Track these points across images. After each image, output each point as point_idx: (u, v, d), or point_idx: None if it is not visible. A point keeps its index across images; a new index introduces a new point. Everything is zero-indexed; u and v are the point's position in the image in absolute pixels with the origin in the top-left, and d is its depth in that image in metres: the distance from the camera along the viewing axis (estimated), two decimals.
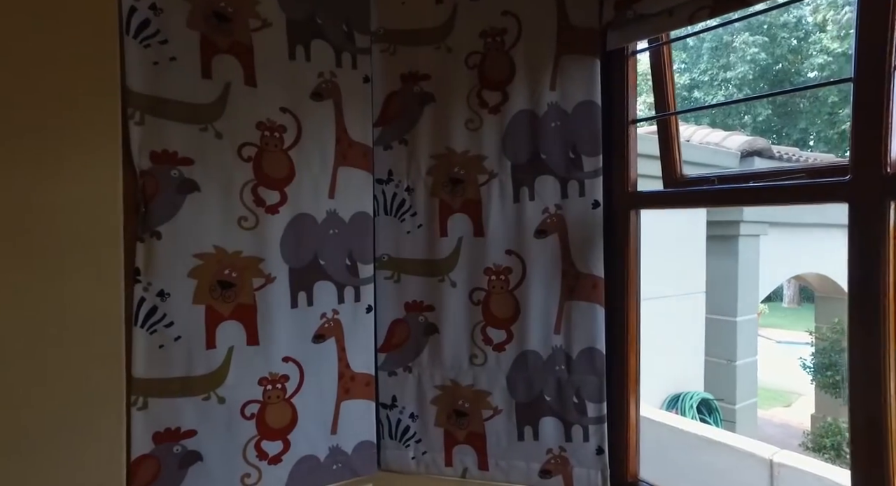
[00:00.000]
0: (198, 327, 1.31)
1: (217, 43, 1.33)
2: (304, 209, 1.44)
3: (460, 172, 1.53)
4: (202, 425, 1.32)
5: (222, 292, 1.34)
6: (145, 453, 1.26)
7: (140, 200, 1.25)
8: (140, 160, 1.25)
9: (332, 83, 1.48)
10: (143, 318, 1.26)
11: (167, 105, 1.28)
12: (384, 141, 1.56)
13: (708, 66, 14.03)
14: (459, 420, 1.53)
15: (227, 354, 1.35)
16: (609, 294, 1.46)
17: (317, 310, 1.46)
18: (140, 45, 1.24)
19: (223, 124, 1.34)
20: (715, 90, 13.95)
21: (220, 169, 1.34)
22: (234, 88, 1.35)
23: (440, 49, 1.54)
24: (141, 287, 1.25)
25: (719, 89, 13.90)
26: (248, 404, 1.37)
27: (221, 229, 1.34)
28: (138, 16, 1.23)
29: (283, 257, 1.41)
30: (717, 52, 13.94)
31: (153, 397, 1.27)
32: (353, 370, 1.52)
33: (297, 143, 1.43)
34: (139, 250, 1.25)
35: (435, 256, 1.55)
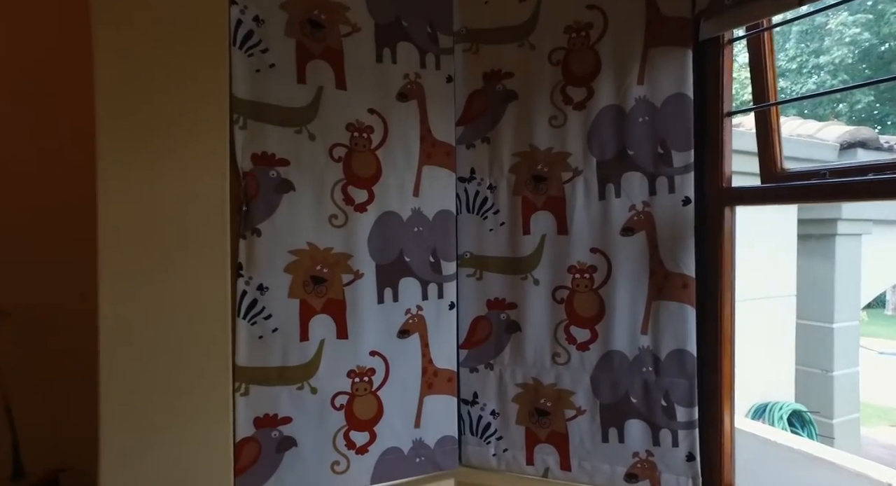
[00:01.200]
0: (293, 319, 1.40)
1: (311, 49, 1.41)
2: (390, 207, 1.49)
3: (543, 169, 1.53)
4: (297, 412, 1.40)
5: (315, 286, 1.42)
6: (247, 436, 1.36)
7: (243, 199, 1.35)
8: (243, 162, 1.35)
9: (416, 84, 1.52)
10: (245, 310, 1.35)
11: (267, 110, 1.37)
12: (467, 140, 1.59)
13: (796, 53, 13.03)
14: (541, 419, 1.53)
15: (318, 346, 1.43)
16: (700, 295, 1.41)
17: (402, 306, 1.51)
18: (244, 55, 1.34)
19: (316, 126, 1.42)
20: (804, 78, 12.94)
21: (313, 169, 1.41)
22: (326, 91, 1.42)
23: (523, 46, 1.54)
24: (243, 281, 1.35)
25: (809, 77, 12.88)
26: (337, 395, 1.44)
27: (314, 227, 1.42)
28: (243, 28, 1.33)
29: (371, 254, 1.48)
30: (808, 37, 12.92)
31: (254, 385, 1.37)
32: (436, 366, 1.55)
33: (384, 143, 1.49)
34: (241, 247, 1.35)
35: (517, 253, 1.55)
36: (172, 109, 1.18)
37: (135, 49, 1.15)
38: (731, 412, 1.39)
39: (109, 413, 1.13)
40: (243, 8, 1.33)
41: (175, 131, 1.19)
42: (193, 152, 1.20)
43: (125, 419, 1.14)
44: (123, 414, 1.14)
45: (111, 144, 1.12)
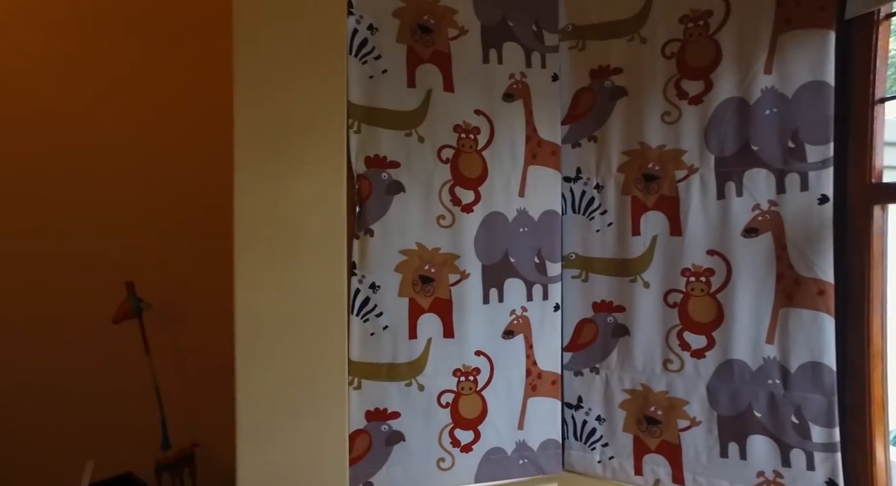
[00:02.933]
0: (402, 317, 1.38)
1: (420, 54, 1.38)
2: (496, 208, 1.43)
3: (655, 167, 1.40)
4: (405, 408, 1.38)
5: (423, 286, 1.39)
6: (360, 428, 1.35)
7: (356, 200, 1.34)
8: (357, 165, 1.34)
9: (521, 83, 1.45)
10: (358, 307, 1.35)
11: (379, 114, 1.35)
12: (572, 138, 1.49)
13: None
14: (651, 427, 1.40)
15: (426, 344, 1.40)
16: (841, 303, 1.22)
17: (507, 306, 1.45)
18: (359, 62, 1.33)
19: (425, 129, 1.38)
20: None
21: (422, 171, 1.38)
22: (435, 94, 1.39)
23: (633, 40, 1.42)
24: (356, 279, 1.35)
25: None
26: (443, 393, 1.41)
27: (423, 227, 1.39)
28: (359, 36, 1.33)
29: (477, 254, 1.42)
30: None
31: (366, 379, 1.36)
32: (540, 368, 1.47)
33: (490, 143, 1.43)
34: (355, 246, 1.35)
35: (626, 255, 1.43)
36: (297, 118, 1.20)
37: (266, 65, 1.18)
38: (884, 437, 1.19)
39: (245, 398, 1.16)
40: (359, 18, 1.33)
41: (299, 138, 1.20)
42: (315, 157, 1.21)
43: (257, 405, 1.17)
44: (256, 400, 1.17)
45: (246, 154, 1.16)
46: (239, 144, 1.16)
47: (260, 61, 1.18)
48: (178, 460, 1.68)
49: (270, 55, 1.18)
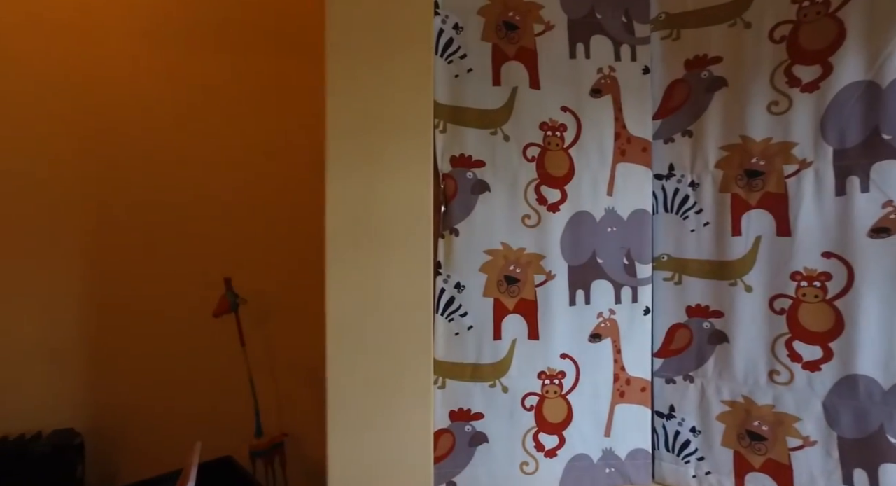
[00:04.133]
0: (487, 318, 1.32)
1: (506, 51, 1.31)
2: (583, 207, 1.34)
3: (759, 162, 1.25)
4: (489, 409, 1.32)
5: (508, 286, 1.33)
6: (443, 427, 1.31)
7: (442, 200, 1.30)
8: (442, 164, 1.31)
9: (610, 78, 1.35)
10: (442, 306, 1.31)
11: (464, 113, 1.31)
12: (665, 134, 1.37)
13: None
14: (755, 444, 1.26)
15: (510, 346, 1.33)
16: None
17: (594, 309, 1.35)
18: (445, 62, 1.29)
19: (510, 127, 1.32)
20: None
21: (508, 169, 1.32)
22: (521, 91, 1.32)
23: (735, 26, 1.28)
24: (441, 279, 1.31)
25: None
26: (527, 395, 1.33)
27: (508, 227, 1.32)
28: (444, 36, 1.29)
29: (563, 255, 1.34)
30: None
31: (450, 379, 1.32)
32: (629, 374, 1.36)
33: (577, 141, 1.34)
34: (440, 246, 1.31)
35: (725, 256, 1.29)
36: (386, 120, 1.17)
37: (356, 69, 1.17)
38: None
39: (335, 394, 1.15)
40: (445, 17, 1.29)
41: (388, 139, 1.18)
42: (403, 158, 1.18)
43: (347, 401, 1.16)
44: (345, 396, 1.16)
45: (336, 155, 1.15)
46: (330, 146, 1.15)
47: (350, 65, 1.16)
48: (270, 448, 1.72)
49: (360, 59, 1.17)
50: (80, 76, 1.74)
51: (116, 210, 1.79)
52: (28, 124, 1.72)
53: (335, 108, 1.15)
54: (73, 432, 1.69)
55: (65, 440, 1.64)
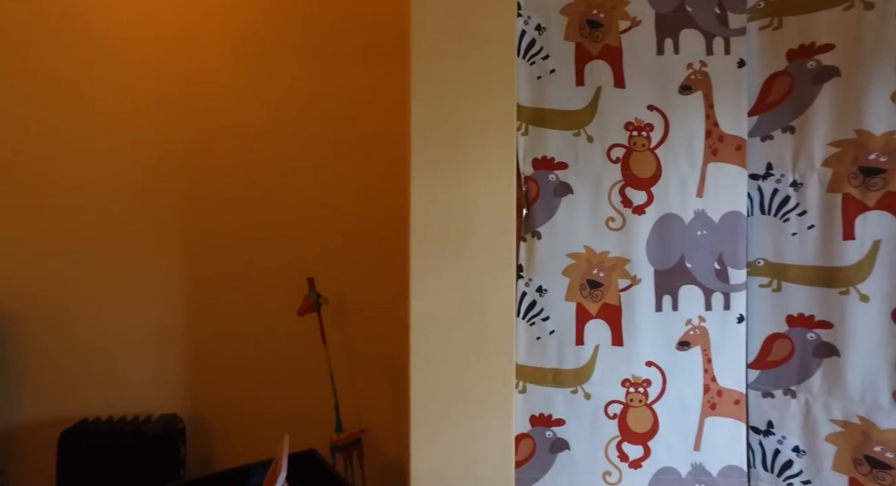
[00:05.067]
0: (569, 323, 1.27)
1: (589, 50, 1.26)
2: (671, 209, 1.26)
3: (879, 159, 1.11)
4: (570, 416, 1.27)
5: (591, 290, 1.27)
6: (524, 432, 1.28)
7: (523, 203, 1.27)
8: (524, 167, 1.27)
9: (701, 73, 1.26)
10: (524, 310, 1.28)
11: (547, 114, 1.27)
12: (762, 131, 1.25)
13: None
14: (877, 472, 1.11)
15: (593, 351, 1.27)
16: None
17: (682, 315, 1.26)
18: (527, 64, 1.26)
19: (594, 128, 1.26)
20: None
21: (591, 171, 1.26)
22: (605, 91, 1.26)
23: (852, 8, 1.15)
24: (523, 282, 1.27)
25: None
26: (611, 403, 1.27)
27: (591, 230, 1.27)
28: (526, 37, 1.25)
29: (649, 259, 1.26)
30: None
31: (530, 384, 1.28)
32: (720, 385, 1.26)
33: (664, 140, 1.26)
34: (522, 249, 1.27)
35: (834, 262, 1.17)
36: (469, 123, 1.16)
37: (440, 73, 1.16)
38: None
39: (418, 395, 1.15)
40: (527, 18, 1.25)
41: (471, 142, 1.16)
42: (486, 161, 1.16)
43: (429, 401, 1.16)
44: (428, 397, 1.16)
45: (421, 159, 1.15)
46: (414, 150, 1.15)
47: (434, 69, 1.16)
48: (349, 443, 1.76)
49: (444, 63, 1.16)
50: (178, 90, 1.86)
51: (211, 214, 1.90)
52: (133, 136, 1.87)
53: (419, 112, 1.15)
54: (177, 417, 1.80)
55: (170, 424, 1.76)
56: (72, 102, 1.83)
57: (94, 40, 1.82)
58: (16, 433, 1.81)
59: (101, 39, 1.82)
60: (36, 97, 1.81)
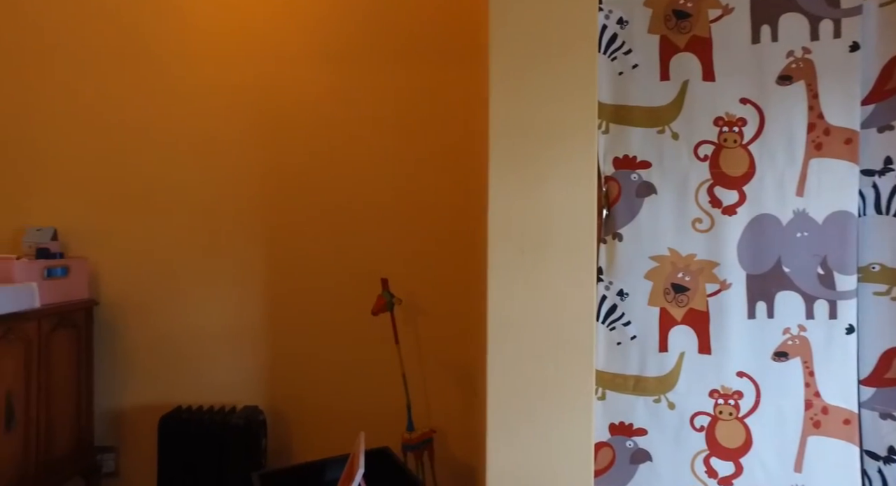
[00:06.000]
0: (652, 328, 1.23)
1: (675, 42, 1.21)
2: (766, 209, 1.18)
3: None
4: (652, 426, 1.23)
5: (675, 295, 1.22)
6: (603, 440, 1.25)
7: (604, 203, 1.25)
8: (604, 166, 1.25)
9: (804, 61, 1.17)
10: (604, 314, 1.25)
11: (629, 112, 1.23)
12: (879, 121, 1.15)
13: None
14: None
15: (678, 359, 1.22)
16: None
17: (778, 323, 1.18)
18: (608, 60, 1.24)
19: (680, 124, 1.21)
20: None
21: (676, 170, 1.21)
22: (692, 85, 1.20)
23: None
24: (603, 286, 1.25)
25: None
26: (697, 414, 1.21)
27: (676, 232, 1.22)
28: (608, 32, 1.23)
29: (740, 262, 1.19)
30: None
31: (610, 391, 1.25)
32: (826, 401, 1.17)
33: (759, 135, 1.18)
34: (601, 251, 1.25)
35: None
36: (548, 122, 1.15)
37: (519, 72, 1.17)
38: None
39: (494, 398, 1.16)
40: (608, 12, 1.23)
41: (550, 142, 1.15)
42: (566, 161, 1.15)
43: (506, 405, 1.16)
44: (505, 400, 1.16)
45: (499, 159, 1.16)
46: (493, 151, 1.16)
47: (512, 68, 1.16)
48: (420, 442, 1.80)
49: (522, 61, 1.16)
50: (263, 100, 2.00)
51: (291, 218, 2.01)
52: (222, 149, 2.02)
53: (498, 112, 1.16)
54: (258, 409, 1.93)
55: (253, 415, 1.89)
56: (173, 118, 2.01)
57: (193, 54, 2.00)
58: (124, 416, 2.02)
59: (198, 53, 2.00)
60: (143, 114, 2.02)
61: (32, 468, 1.67)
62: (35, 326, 1.69)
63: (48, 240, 1.95)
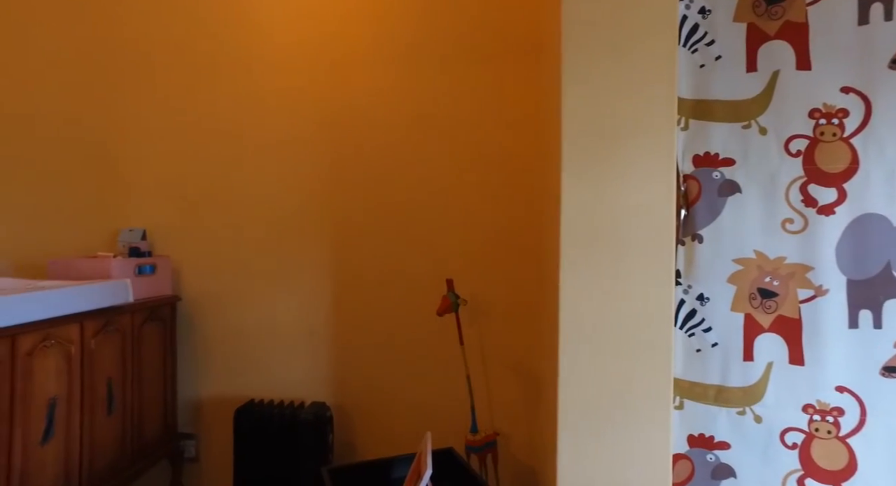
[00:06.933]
0: (735, 335, 1.17)
1: (765, 30, 1.15)
2: (871, 209, 1.09)
3: None
4: (736, 439, 1.17)
5: (762, 300, 1.16)
6: (680, 452, 1.20)
7: (682, 204, 1.20)
8: (683, 165, 1.20)
9: None
10: (681, 320, 1.21)
11: (710, 107, 1.18)
12: None
13: None
14: None
15: (765, 369, 1.15)
16: None
17: (887, 335, 1.08)
18: (688, 52, 1.19)
19: (768, 118, 1.15)
20: None
21: (764, 167, 1.15)
22: (783, 75, 1.14)
23: None
24: (681, 289, 1.20)
25: None
26: (788, 430, 1.14)
27: (763, 233, 1.15)
28: (688, 23, 1.18)
29: (840, 266, 1.11)
30: None
31: (689, 400, 1.20)
32: None
33: (864, 127, 1.09)
34: (679, 253, 1.20)
35: None
36: (624, 120, 1.13)
37: (593, 69, 1.15)
38: None
39: (566, 403, 1.15)
40: (689, 2, 1.18)
41: (626, 140, 1.13)
42: (642, 159, 1.12)
43: (578, 412, 1.14)
44: (577, 406, 1.14)
45: (572, 158, 1.14)
46: (565, 151, 1.15)
47: (586, 64, 1.14)
48: (484, 445, 1.81)
49: (597, 60, 1.14)
50: (331, 100, 2.08)
51: (357, 219, 2.08)
52: (291, 151, 2.13)
53: (570, 108, 1.14)
54: (325, 405, 2.01)
55: (320, 411, 1.97)
56: (246, 123, 2.14)
57: (263, 64, 2.12)
58: (202, 406, 2.17)
59: (266, 62, 2.12)
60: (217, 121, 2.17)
61: (129, 449, 1.83)
62: (129, 319, 1.85)
63: (139, 240, 2.14)
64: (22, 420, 1.42)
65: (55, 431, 1.51)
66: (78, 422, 1.61)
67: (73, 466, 1.59)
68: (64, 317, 1.56)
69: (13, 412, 1.39)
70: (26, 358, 1.43)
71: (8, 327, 1.38)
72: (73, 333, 1.60)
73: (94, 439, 1.67)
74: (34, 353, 1.46)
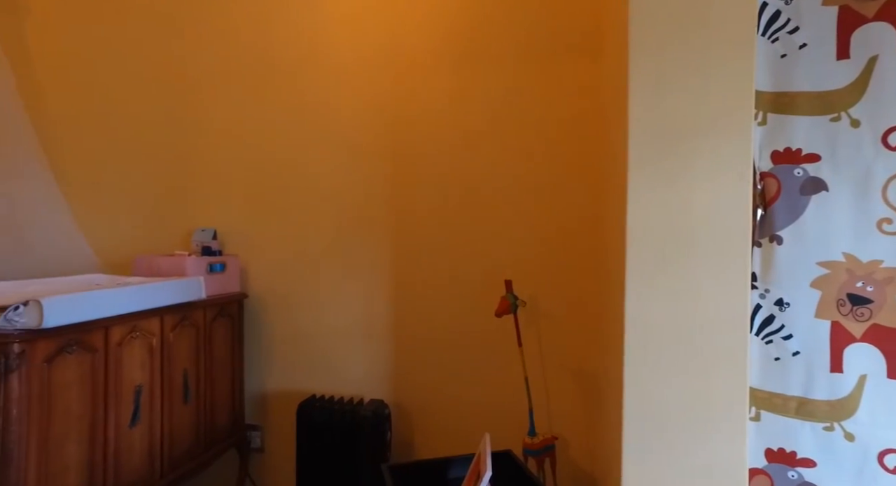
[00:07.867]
0: (821, 344, 1.10)
1: (860, 12, 1.07)
2: None
3: None
4: (823, 457, 1.09)
5: (853, 307, 1.08)
6: (757, 467, 1.14)
7: (759, 203, 1.14)
8: (760, 162, 1.14)
9: None
10: (758, 326, 1.15)
11: (793, 99, 1.11)
12: None
13: None
14: None
15: (857, 382, 1.07)
16: None
17: None
18: (768, 42, 1.12)
19: (862, 109, 1.06)
20: None
21: (855, 163, 1.07)
22: (882, 61, 1.05)
23: None
24: (757, 294, 1.14)
25: None
26: (888, 452, 1.05)
27: (854, 234, 1.07)
28: (768, 10, 1.12)
29: None
30: None
31: (766, 411, 1.14)
32: None
33: None
34: (756, 255, 1.14)
35: None
36: (696, 116, 1.09)
37: (663, 63, 1.11)
38: None
39: (632, 411, 1.12)
40: None
41: (698, 137, 1.09)
42: (716, 157, 1.08)
43: (645, 420, 1.11)
44: (643, 414, 1.11)
45: (640, 157, 1.11)
46: (633, 150, 1.12)
47: (655, 61, 1.11)
48: (542, 448, 1.79)
49: (666, 54, 1.10)
50: (393, 102, 2.14)
51: (417, 221, 2.13)
52: (354, 144, 2.20)
53: (637, 104, 1.11)
54: (384, 403, 2.07)
55: (379, 408, 2.03)
56: (311, 127, 2.24)
57: (327, 70, 2.21)
58: (268, 399, 2.29)
59: (329, 67, 2.20)
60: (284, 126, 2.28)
61: (202, 437, 1.97)
62: (202, 314, 1.99)
63: (210, 239, 2.29)
64: (115, 404, 1.57)
65: (141, 416, 1.66)
66: (160, 409, 1.75)
67: (156, 450, 1.73)
68: (147, 311, 1.70)
69: (107, 395, 1.54)
70: (117, 348, 1.58)
71: (102, 319, 1.52)
72: (154, 326, 1.74)
73: (173, 426, 1.81)
74: (123, 343, 1.60)
